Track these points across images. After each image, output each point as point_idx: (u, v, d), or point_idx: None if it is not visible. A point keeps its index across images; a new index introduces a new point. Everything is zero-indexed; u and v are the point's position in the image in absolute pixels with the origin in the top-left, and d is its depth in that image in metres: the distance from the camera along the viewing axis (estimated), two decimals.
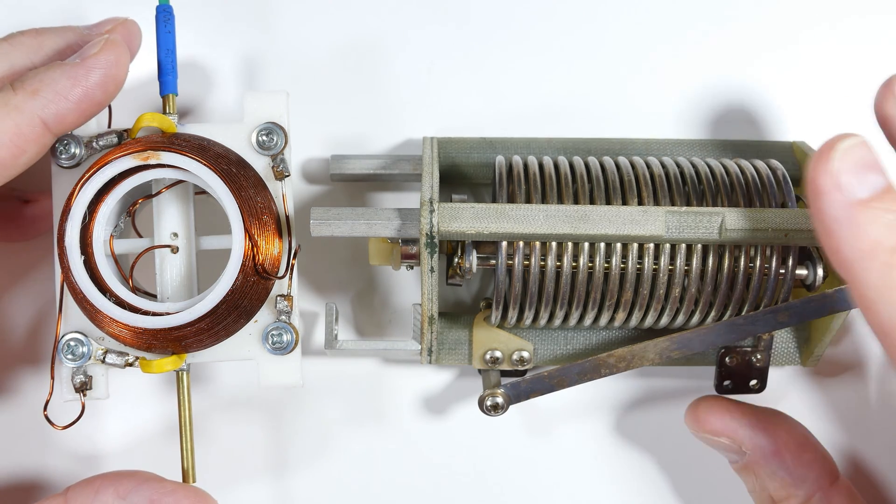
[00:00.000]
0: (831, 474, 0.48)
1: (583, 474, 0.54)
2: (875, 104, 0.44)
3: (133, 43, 0.45)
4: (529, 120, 0.53)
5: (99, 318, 0.44)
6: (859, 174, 0.38)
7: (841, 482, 0.48)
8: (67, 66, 0.42)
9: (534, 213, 0.45)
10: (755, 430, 0.48)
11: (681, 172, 0.47)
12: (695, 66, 0.53)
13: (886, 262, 0.37)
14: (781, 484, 0.47)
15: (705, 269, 0.46)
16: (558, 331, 0.50)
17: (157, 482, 0.44)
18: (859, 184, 0.38)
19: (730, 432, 0.48)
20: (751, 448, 0.48)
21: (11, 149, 0.41)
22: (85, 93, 0.42)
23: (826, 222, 0.39)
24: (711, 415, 0.49)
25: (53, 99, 0.42)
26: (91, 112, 0.43)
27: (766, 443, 0.48)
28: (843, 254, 0.38)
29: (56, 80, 0.42)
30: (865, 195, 0.38)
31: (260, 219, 0.45)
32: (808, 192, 0.39)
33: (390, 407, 0.53)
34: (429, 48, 0.53)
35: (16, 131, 0.41)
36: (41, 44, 0.44)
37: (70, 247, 0.44)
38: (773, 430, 0.48)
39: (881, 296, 0.38)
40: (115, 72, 0.43)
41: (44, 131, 0.42)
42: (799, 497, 0.47)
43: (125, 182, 0.45)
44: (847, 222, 0.38)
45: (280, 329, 0.45)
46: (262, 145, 0.46)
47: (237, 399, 0.53)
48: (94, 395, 0.46)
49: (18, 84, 0.42)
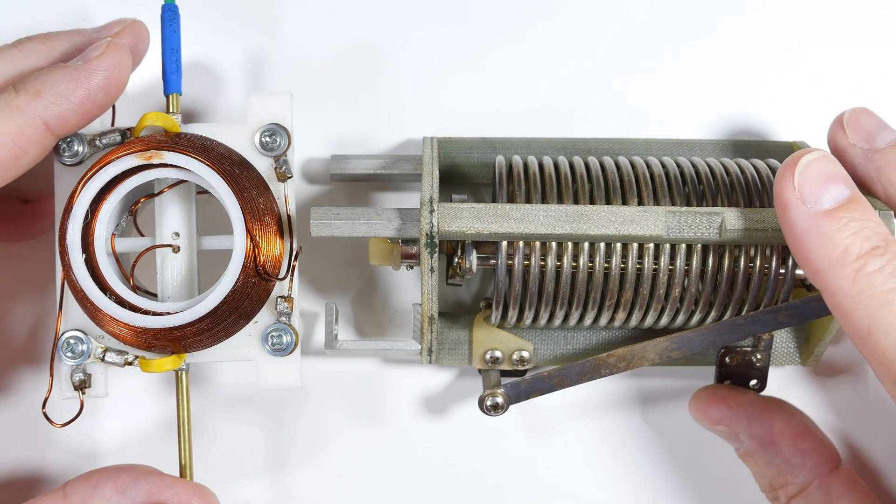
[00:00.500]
0: (830, 462, 0.48)
1: (583, 474, 0.54)
2: (828, 137, 0.47)
3: (141, 44, 0.46)
4: (529, 120, 0.53)
5: (99, 316, 0.44)
6: (822, 186, 0.40)
7: (842, 469, 0.48)
8: (70, 67, 0.42)
9: (534, 213, 0.45)
10: (751, 420, 0.49)
11: (681, 172, 0.47)
12: (695, 65, 0.53)
13: (857, 269, 0.39)
14: (779, 472, 0.48)
15: (705, 269, 0.46)
16: (558, 331, 0.50)
17: (156, 476, 0.45)
18: (823, 195, 0.40)
19: (727, 422, 0.49)
20: (747, 437, 0.49)
21: (13, 150, 0.41)
22: (87, 94, 0.42)
23: (795, 234, 0.41)
24: (710, 405, 0.50)
25: (55, 100, 0.42)
26: (93, 114, 0.43)
27: (762, 432, 0.48)
28: (813, 264, 0.40)
29: (58, 81, 0.42)
30: (830, 206, 0.40)
31: (262, 220, 0.45)
32: (776, 207, 0.41)
33: (390, 407, 0.53)
34: (429, 48, 0.53)
35: (18, 132, 0.41)
36: (50, 49, 0.44)
37: (71, 245, 0.44)
38: (769, 420, 0.49)
39: (855, 302, 0.39)
40: (118, 74, 0.43)
41: (45, 133, 0.42)
42: (797, 484, 0.48)
43: (128, 181, 0.45)
44: (814, 233, 0.40)
45: (280, 330, 0.45)
46: (265, 146, 0.46)
47: (236, 398, 0.53)
48: (92, 393, 0.46)
49: (21, 85, 0.42)
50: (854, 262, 0.39)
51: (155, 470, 0.45)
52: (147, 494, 0.44)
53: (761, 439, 0.48)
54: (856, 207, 0.40)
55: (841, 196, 0.40)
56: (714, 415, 0.50)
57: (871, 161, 0.45)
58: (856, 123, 0.46)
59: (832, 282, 0.40)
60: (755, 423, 0.49)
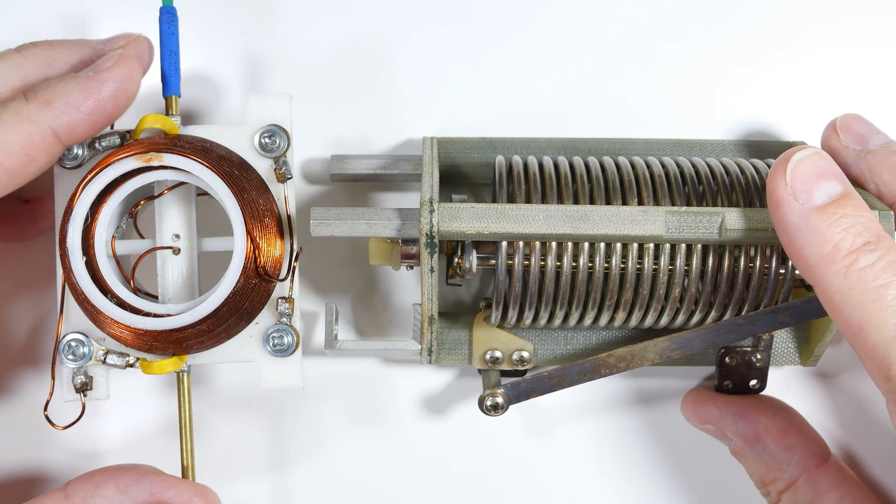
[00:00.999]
0: (818, 456, 0.49)
1: (583, 474, 0.54)
2: (821, 141, 0.47)
3: (144, 59, 0.46)
4: (529, 120, 0.53)
5: (100, 319, 0.45)
6: (814, 182, 0.41)
7: (830, 463, 0.49)
8: (81, 78, 0.43)
9: (534, 213, 0.45)
10: (737, 418, 0.50)
11: (681, 172, 0.47)
12: (695, 66, 0.53)
13: (848, 264, 0.39)
14: (767, 467, 0.49)
15: (705, 269, 0.46)
16: (558, 331, 0.50)
17: (158, 476, 0.45)
18: (815, 191, 0.41)
19: (715, 421, 0.50)
20: (735, 434, 0.50)
21: (22, 157, 0.41)
22: (97, 105, 0.42)
23: (787, 230, 0.41)
24: (699, 405, 0.51)
25: (65, 110, 0.42)
26: (101, 125, 0.43)
27: (748, 429, 0.49)
28: (806, 259, 0.40)
29: (69, 91, 0.42)
30: (822, 201, 0.41)
31: (262, 221, 0.45)
32: (769, 204, 0.41)
33: (390, 407, 0.54)
34: (429, 48, 0.53)
35: (27, 140, 0.41)
36: (54, 56, 0.44)
37: (72, 248, 0.44)
38: (754, 417, 0.49)
39: (846, 297, 0.39)
40: (128, 86, 0.43)
41: (54, 141, 0.42)
42: (785, 479, 0.49)
43: (127, 183, 0.45)
44: (806, 229, 0.40)
45: (281, 331, 0.46)
46: (264, 147, 0.46)
47: (237, 398, 0.53)
48: (94, 395, 0.46)
49: (31, 94, 0.42)
50: (845, 258, 0.40)
51: (157, 470, 0.45)
52: (149, 494, 0.44)
53: (748, 436, 0.49)
54: (848, 203, 0.41)
55: (833, 192, 0.41)
56: (703, 414, 0.51)
57: (864, 161, 0.46)
58: (848, 127, 0.47)
59: (824, 277, 0.40)
60: (741, 422, 0.50)
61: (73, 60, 0.45)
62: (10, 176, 0.41)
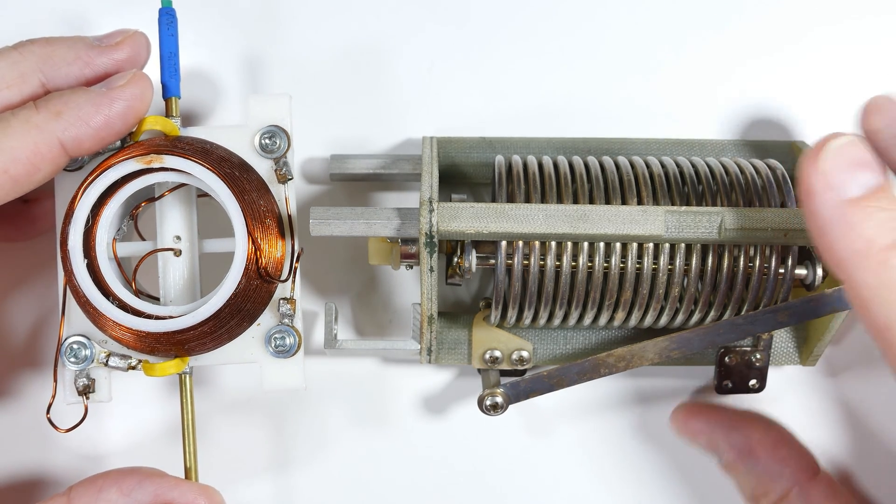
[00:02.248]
0: (809, 470, 0.49)
1: (582, 474, 0.54)
2: (861, 120, 0.44)
3: (142, 55, 0.46)
4: (529, 120, 0.53)
5: (102, 321, 0.45)
6: (851, 173, 0.38)
7: (821, 477, 0.49)
8: (93, 92, 0.43)
9: (533, 213, 0.45)
10: (729, 431, 0.49)
11: (681, 172, 0.47)
12: (695, 65, 0.53)
13: (881, 261, 0.37)
14: (759, 480, 0.49)
15: (705, 268, 0.46)
16: (558, 330, 0.50)
17: (161, 477, 0.45)
18: (851, 182, 0.38)
19: (706, 433, 0.50)
20: (727, 447, 0.49)
21: (27, 166, 0.41)
22: (106, 121, 0.42)
23: (819, 222, 0.39)
24: (690, 418, 0.51)
25: (74, 122, 0.42)
26: (108, 140, 0.43)
27: (740, 441, 0.49)
28: (836, 253, 0.38)
29: (80, 105, 0.42)
30: (857, 194, 0.38)
31: (263, 222, 0.45)
32: (801, 193, 0.39)
33: (390, 406, 0.54)
34: (429, 48, 0.53)
35: (34, 149, 0.41)
36: (51, 53, 0.44)
37: (73, 250, 0.44)
38: (747, 430, 0.49)
39: (876, 295, 0.37)
40: (138, 105, 0.43)
41: (61, 152, 0.42)
42: (776, 492, 0.48)
43: (128, 185, 0.45)
44: (840, 222, 0.38)
45: (283, 332, 0.46)
46: (264, 148, 0.46)
47: (238, 399, 0.53)
48: (96, 397, 0.46)
49: (42, 103, 0.42)
50: (878, 254, 0.37)
51: (160, 472, 0.45)
52: (153, 496, 0.44)
53: (740, 449, 0.49)
54: (883, 196, 0.38)
55: (870, 183, 0.38)
56: (694, 427, 0.50)
57: None
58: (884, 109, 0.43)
59: (854, 272, 0.38)
60: (733, 434, 0.49)
61: (70, 57, 0.45)
62: (14, 184, 0.41)
